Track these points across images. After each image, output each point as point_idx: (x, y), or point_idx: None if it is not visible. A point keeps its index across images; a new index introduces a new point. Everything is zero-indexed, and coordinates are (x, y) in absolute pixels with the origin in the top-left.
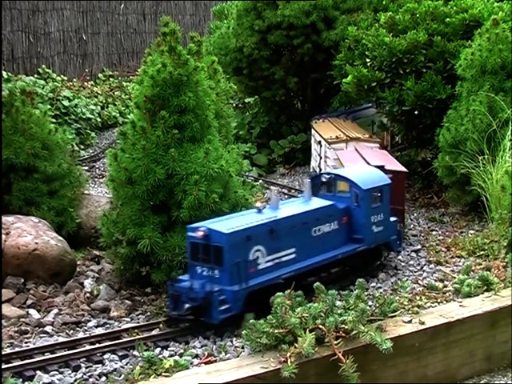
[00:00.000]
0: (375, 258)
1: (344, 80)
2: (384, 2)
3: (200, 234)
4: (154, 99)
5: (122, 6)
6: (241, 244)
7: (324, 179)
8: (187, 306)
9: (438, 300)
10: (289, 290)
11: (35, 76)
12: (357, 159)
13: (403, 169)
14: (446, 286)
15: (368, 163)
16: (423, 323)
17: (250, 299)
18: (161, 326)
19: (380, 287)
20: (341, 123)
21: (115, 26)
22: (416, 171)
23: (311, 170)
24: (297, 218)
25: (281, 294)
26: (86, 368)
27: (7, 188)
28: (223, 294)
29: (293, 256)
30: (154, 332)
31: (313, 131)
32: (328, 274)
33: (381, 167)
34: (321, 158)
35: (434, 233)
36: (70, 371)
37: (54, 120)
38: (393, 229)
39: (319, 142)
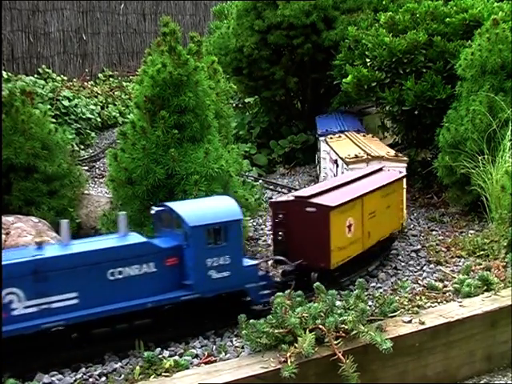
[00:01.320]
0: (229, 309)
1: (344, 80)
2: (384, 2)
3: None
4: (154, 99)
5: (122, 5)
6: None
7: (153, 212)
8: None
9: (438, 300)
10: (288, 290)
11: (35, 76)
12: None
13: (332, 204)
14: (445, 286)
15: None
16: (423, 323)
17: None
18: None
19: (380, 287)
20: (360, 139)
21: (115, 26)
22: (416, 171)
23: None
24: (80, 257)
25: (281, 294)
26: (86, 368)
27: (7, 188)
28: None
29: (74, 302)
30: None
31: (328, 148)
32: (129, 326)
33: (305, 198)
34: None
35: (434, 233)
36: (69, 371)
37: (54, 120)
38: (249, 275)
39: (335, 161)
